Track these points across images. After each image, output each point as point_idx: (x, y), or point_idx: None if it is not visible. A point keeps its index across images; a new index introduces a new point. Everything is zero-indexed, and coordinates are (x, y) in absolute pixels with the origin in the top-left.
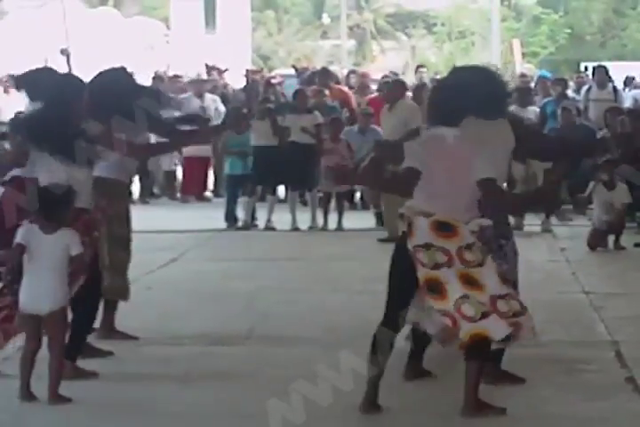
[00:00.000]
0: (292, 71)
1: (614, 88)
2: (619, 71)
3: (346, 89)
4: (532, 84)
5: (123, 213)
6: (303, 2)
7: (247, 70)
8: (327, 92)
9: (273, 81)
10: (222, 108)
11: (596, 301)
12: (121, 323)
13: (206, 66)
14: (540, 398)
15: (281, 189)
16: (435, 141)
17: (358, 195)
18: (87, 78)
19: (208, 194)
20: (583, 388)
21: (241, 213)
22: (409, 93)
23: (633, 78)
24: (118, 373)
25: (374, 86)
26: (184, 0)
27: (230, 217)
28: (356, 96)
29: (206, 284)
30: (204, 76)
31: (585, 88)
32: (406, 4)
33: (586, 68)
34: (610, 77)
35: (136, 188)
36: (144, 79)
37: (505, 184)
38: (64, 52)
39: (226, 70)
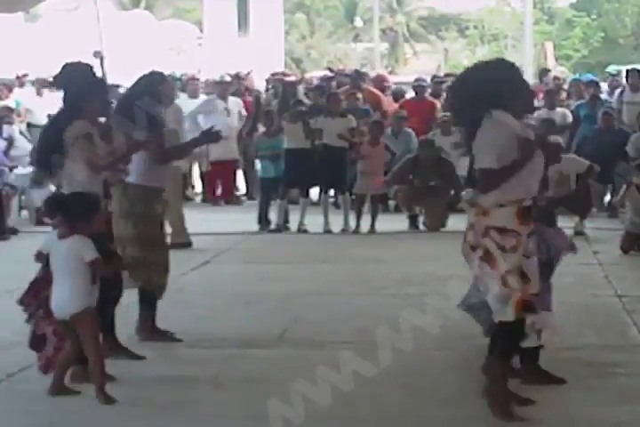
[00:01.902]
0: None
1: None
2: None
3: (377, 91)
4: (566, 87)
5: (153, 215)
6: (335, 5)
7: (282, 73)
8: (359, 95)
9: (314, 82)
10: (244, 113)
11: (628, 304)
12: None
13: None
14: (571, 401)
15: (314, 192)
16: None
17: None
18: (119, 80)
19: (240, 197)
20: (615, 391)
21: (274, 216)
22: None
23: None
24: (149, 374)
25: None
26: (217, 2)
27: (263, 220)
28: None
29: (239, 286)
30: (228, 78)
31: (618, 91)
32: (439, 7)
33: (618, 72)
34: None
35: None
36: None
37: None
38: (97, 54)
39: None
